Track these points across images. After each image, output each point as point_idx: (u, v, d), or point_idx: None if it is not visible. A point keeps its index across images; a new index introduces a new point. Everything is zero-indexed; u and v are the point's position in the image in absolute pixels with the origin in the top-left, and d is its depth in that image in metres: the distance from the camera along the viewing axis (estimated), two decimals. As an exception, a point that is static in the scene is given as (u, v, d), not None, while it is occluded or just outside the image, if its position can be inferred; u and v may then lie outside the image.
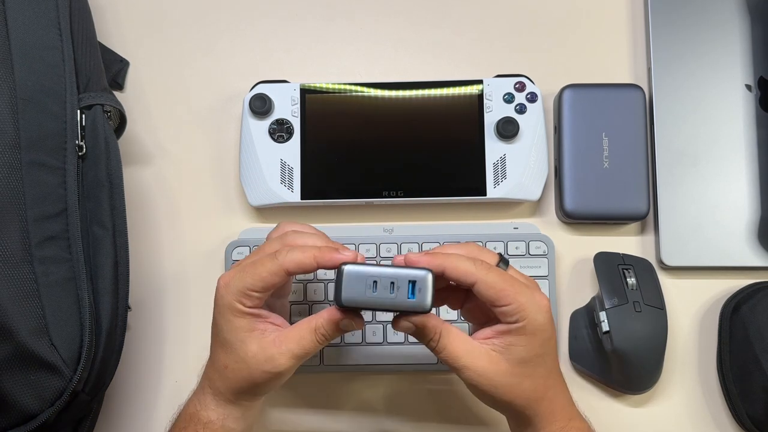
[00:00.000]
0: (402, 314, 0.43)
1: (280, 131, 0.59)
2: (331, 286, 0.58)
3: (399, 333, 0.57)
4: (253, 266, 0.43)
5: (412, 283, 0.41)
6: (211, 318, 0.46)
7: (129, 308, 0.52)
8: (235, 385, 0.45)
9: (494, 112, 0.59)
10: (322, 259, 0.42)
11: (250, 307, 0.44)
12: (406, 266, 0.43)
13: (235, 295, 0.43)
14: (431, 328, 0.44)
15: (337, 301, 0.42)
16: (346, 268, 0.41)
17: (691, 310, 0.60)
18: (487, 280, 0.43)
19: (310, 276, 0.58)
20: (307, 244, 0.45)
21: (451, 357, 0.44)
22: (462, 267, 0.43)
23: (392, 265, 0.42)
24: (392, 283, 0.41)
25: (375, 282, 0.41)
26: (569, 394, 0.47)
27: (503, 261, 0.46)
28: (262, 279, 0.43)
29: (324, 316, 0.44)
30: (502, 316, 0.43)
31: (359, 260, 0.43)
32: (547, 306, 0.44)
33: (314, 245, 0.44)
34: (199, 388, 0.47)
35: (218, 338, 0.45)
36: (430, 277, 0.41)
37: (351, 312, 0.44)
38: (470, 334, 0.45)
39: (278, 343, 0.44)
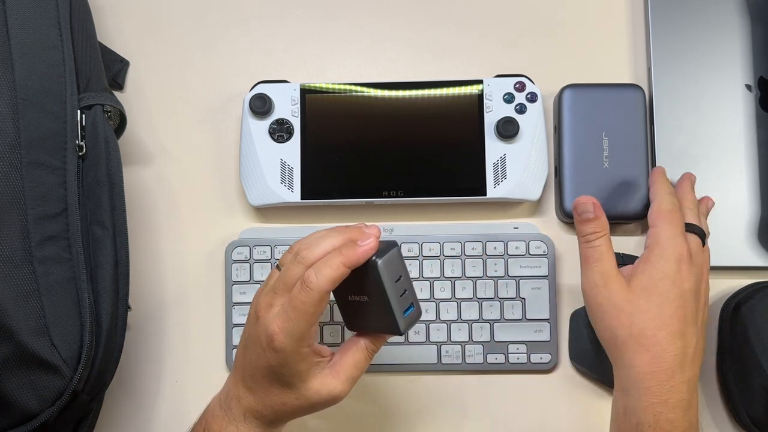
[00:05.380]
0: (369, 332, 0.46)
1: (280, 131, 0.59)
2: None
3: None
4: (294, 307, 0.42)
5: (411, 307, 0.45)
6: (251, 356, 0.45)
7: (129, 308, 0.52)
8: (291, 416, 0.46)
9: (494, 112, 0.59)
10: (350, 262, 0.42)
11: (310, 347, 0.44)
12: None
13: (297, 343, 0.42)
14: (603, 224, 0.50)
15: (372, 259, 0.43)
16: (397, 248, 0.44)
17: (691, 310, 0.60)
18: (661, 204, 0.51)
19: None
20: (327, 252, 0.43)
21: (596, 256, 0.49)
22: (662, 188, 0.53)
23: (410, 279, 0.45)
24: (405, 291, 0.44)
25: (400, 277, 0.44)
26: (683, 383, 0.46)
27: (700, 233, 0.52)
28: (312, 315, 0.42)
29: (369, 334, 0.46)
30: (647, 238, 0.50)
31: (377, 235, 0.44)
32: (680, 256, 0.48)
33: (334, 250, 0.43)
34: (239, 418, 0.46)
35: (274, 380, 0.44)
36: (419, 316, 0.46)
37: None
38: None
39: (336, 373, 0.45)
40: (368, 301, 0.45)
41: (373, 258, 0.43)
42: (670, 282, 0.47)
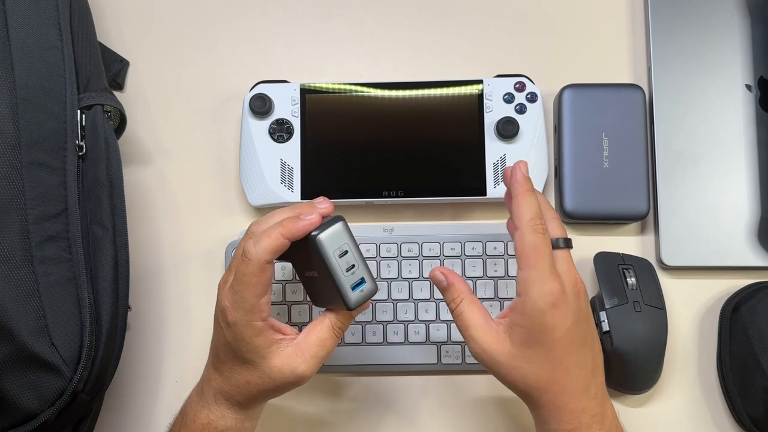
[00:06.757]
0: (330, 307, 0.46)
1: (280, 131, 0.59)
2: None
3: (398, 333, 0.58)
4: (238, 279, 0.43)
5: (362, 282, 0.44)
6: (215, 335, 0.46)
7: (129, 308, 0.52)
8: (257, 396, 0.46)
9: (494, 112, 0.59)
10: (289, 234, 0.42)
11: (263, 320, 0.44)
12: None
13: (247, 316, 0.43)
14: (458, 290, 0.46)
15: (312, 234, 0.43)
16: (341, 222, 0.44)
17: (691, 310, 0.60)
18: (524, 237, 0.43)
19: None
20: (269, 225, 0.44)
21: (464, 325, 0.46)
22: (524, 206, 0.44)
23: (362, 256, 0.44)
24: (353, 266, 0.44)
25: (346, 251, 0.43)
26: (590, 401, 0.44)
27: (565, 241, 0.46)
28: (255, 285, 0.42)
29: (335, 311, 0.46)
30: (516, 283, 0.44)
31: (325, 212, 0.45)
32: (555, 299, 0.42)
33: (276, 222, 0.44)
34: (211, 401, 0.46)
35: (235, 357, 0.45)
36: (374, 293, 0.45)
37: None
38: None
39: (300, 351, 0.44)
40: (318, 277, 0.45)
41: (314, 233, 0.43)
42: (551, 329, 0.43)
